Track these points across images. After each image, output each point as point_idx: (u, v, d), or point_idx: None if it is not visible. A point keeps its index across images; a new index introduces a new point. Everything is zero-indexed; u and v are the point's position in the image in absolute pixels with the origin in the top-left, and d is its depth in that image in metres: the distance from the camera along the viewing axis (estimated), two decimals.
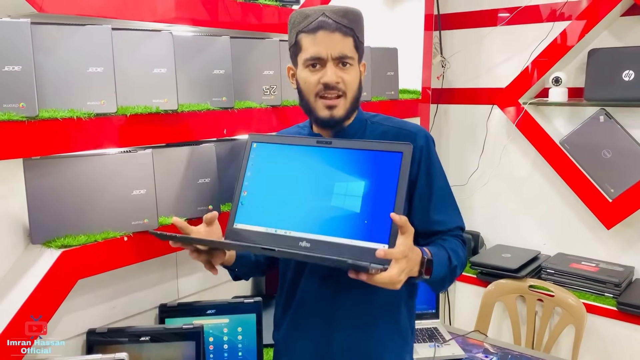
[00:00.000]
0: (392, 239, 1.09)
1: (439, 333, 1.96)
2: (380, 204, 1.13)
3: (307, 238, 1.17)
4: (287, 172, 1.24)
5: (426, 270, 1.14)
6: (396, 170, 1.13)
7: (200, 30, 1.63)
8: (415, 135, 1.30)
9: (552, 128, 2.64)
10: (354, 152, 1.19)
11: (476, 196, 2.93)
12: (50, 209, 1.30)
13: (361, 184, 1.15)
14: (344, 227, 1.15)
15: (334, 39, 1.20)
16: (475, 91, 2.89)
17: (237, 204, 1.27)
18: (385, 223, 1.10)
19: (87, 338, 1.49)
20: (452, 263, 1.23)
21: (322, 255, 1.03)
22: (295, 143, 1.26)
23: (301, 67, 1.26)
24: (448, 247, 1.25)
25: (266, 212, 1.24)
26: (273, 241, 1.19)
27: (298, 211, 1.20)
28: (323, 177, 1.20)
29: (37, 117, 1.20)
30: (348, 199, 1.16)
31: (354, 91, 1.26)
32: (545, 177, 2.69)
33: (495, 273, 2.48)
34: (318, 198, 1.18)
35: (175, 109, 1.47)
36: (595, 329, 2.30)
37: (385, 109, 2.23)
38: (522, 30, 2.69)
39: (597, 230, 2.54)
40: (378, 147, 1.17)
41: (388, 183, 1.13)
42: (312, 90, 1.24)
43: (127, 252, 1.40)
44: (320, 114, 1.25)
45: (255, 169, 1.28)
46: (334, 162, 1.20)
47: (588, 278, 2.37)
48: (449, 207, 1.34)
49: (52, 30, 1.25)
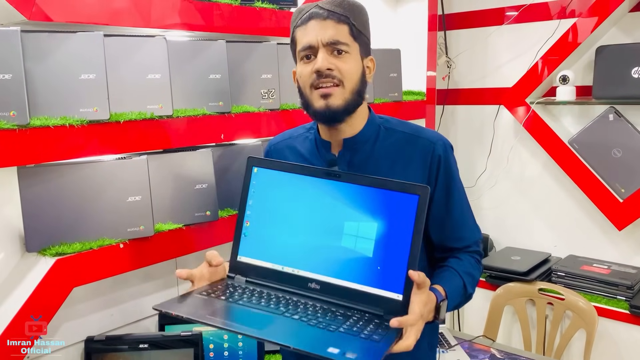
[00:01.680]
0: (406, 288, 1.04)
1: (444, 338, 1.93)
2: (394, 250, 1.06)
3: (317, 279, 1.11)
4: (293, 204, 1.15)
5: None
6: (412, 214, 1.05)
7: (196, 35, 1.62)
8: (433, 144, 1.22)
9: (561, 127, 2.59)
10: (366, 189, 1.10)
11: (484, 198, 2.88)
12: (45, 217, 1.30)
13: (374, 226, 1.08)
14: (355, 271, 1.08)
15: (325, 25, 1.13)
16: (481, 91, 2.85)
17: (241, 235, 1.20)
18: (399, 271, 1.05)
19: (86, 346, 1.48)
20: (467, 291, 1.19)
21: (329, 356, 0.91)
22: (300, 172, 1.16)
23: (298, 62, 1.19)
24: (463, 272, 1.20)
25: (271, 246, 1.17)
26: (280, 279, 1.14)
27: (305, 248, 1.13)
28: (332, 213, 1.11)
29: (28, 125, 1.20)
30: (360, 241, 1.09)
31: (353, 82, 1.16)
32: (554, 177, 2.64)
33: (504, 276, 2.44)
34: (327, 236, 1.11)
35: (170, 115, 1.46)
36: (608, 333, 2.24)
37: (390, 111, 2.20)
38: (528, 29, 2.64)
39: (608, 232, 2.49)
40: (393, 187, 1.08)
41: (403, 227, 1.05)
42: (307, 81, 1.16)
43: (123, 260, 1.39)
44: (315, 104, 1.16)
45: (257, 197, 1.19)
46: (343, 198, 1.11)
47: (599, 280, 2.31)
48: (467, 222, 1.27)
49: (43, 38, 1.25)
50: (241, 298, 1.10)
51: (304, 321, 1.02)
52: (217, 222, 1.57)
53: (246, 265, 1.19)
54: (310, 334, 0.99)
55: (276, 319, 1.03)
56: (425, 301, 1.03)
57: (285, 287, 1.13)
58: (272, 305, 1.07)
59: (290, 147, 1.32)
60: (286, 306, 1.07)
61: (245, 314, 1.06)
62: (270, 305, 1.07)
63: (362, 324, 1.01)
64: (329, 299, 1.09)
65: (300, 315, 1.03)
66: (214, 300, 1.09)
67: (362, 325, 1.01)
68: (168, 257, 1.50)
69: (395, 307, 1.04)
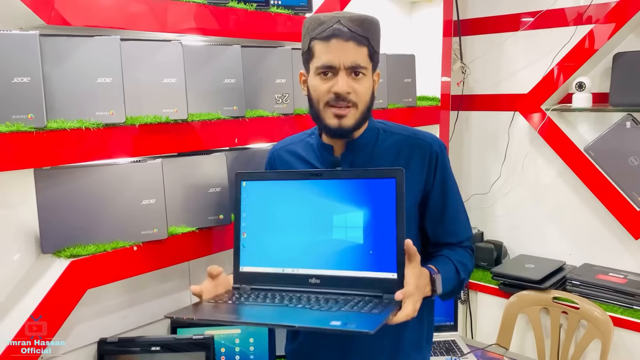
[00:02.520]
0: (399, 266, 1.10)
1: (457, 346, 1.91)
2: (382, 232, 1.13)
3: (316, 274, 1.17)
4: (283, 209, 1.21)
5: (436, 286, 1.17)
6: (392, 196, 1.12)
7: (211, 40, 1.63)
8: (430, 144, 1.28)
9: (577, 135, 2.56)
10: (346, 182, 1.17)
11: (499, 205, 2.86)
12: (61, 219, 1.31)
13: (360, 214, 1.15)
14: (350, 259, 1.15)
15: (347, 48, 1.17)
16: (496, 97, 2.83)
17: (239, 247, 1.25)
18: (390, 251, 1.11)
19: (99, 347, 1.49)
20: (460, 276, 1.25)
21: (332, 327, 0.97)
22: (285, 178, 1.23)
23: (312, 74, 1.23)
24: (455, 260, 1.26)
25: (269, 251, 1.22)
26: (282, 281, 1.19)
27: (301, 248, 1.19)
28: (320, 210, 1.18)
29: (45, 128, 1.22)
30: (349, 230, 1.15)
31: (365, 102, 1.23)
32: (569, 185, 2.61)
33: (518, 284, 2.41)
34: (319, 232, 1.17)
35: (185, 119, 1.47)
36: (623, 343, 2.21)
37: (404, 117, 2.19)
38: (544, 35, 2.62)
39: (624, 240, 2.45)
40: (370, 175, 1.15)
41: (386, 210, 1.13)
42: (322, 98, 1.21)
43: (137, 262, 1.40)
44: (328, 122, 1.22)
45: (249, 209, 1.25)
46: (328, 194, 1.18)
47: (615, 290, 2.28)
48: (460, 218, 1.33)
49: (61, 42, 1.27)
50: (247, 299, 1.16)
51: (307, 308, 1.07)
52: (230, 225, 1.58)
53: (249, 274, 1.23)
54: (313, 315, 1.04)
55: (282, 309, 1.09)
56: (418, 273, 1.10)
57: (289, 287, 1.18)
58: (277, 301, 1.13)
59: (291, 152, 1.37)
60: (290, 300, 1.12)
61: (252, 309, 1.12)
62: (276, 300, 1.13)
63: (362, 304, 1.07)
64: (331, 290, 1.15)
65: (304, 304, 1.09)
66: (222, 304, 1.14)
67: (362, 304, 1.06)
68: (181, 260, 1.51)
69: (391, 286, 1.10)
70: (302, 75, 1.30)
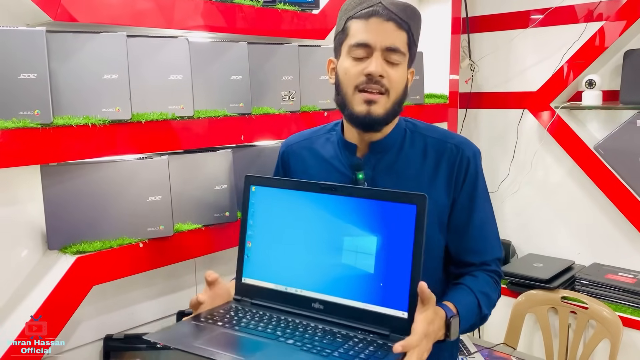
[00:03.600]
0: (411, 305, 0.99)
1: (464, 345, 1.90)
2: (396, 264, 1.01)
3: (320, 299, 1.09)
4: (292, 221, 1.13)
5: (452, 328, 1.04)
6: (411, 224, 1.00)
7: (218, 36, 1.62)
8: (461, 149, 1.19)
9: (586, 133, 2.54)
10: (361, 201, 1.06)
11: (507, 203, 2.84)
12: (67, 215, 1.31)
13: (373, 240, 1.04)
14: (358, 288, 1.05)
15: (386, 28, 1.10)
16: (505, 95, 2.81)
17: (244, 257, 1.19)
18: (402, 287, 1.00)
19: (105, 344, 1.50)
20: (482, 311, 1.13)
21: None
22: (296, 188, 1.14)
23: (344, 55, 1.15)
24: (477, 291, 1.13)
25: (273, 266, 1.15)
26: (284, 300, 1.13)
27: (307, 267, 1.11)
28: (330, 229, 1.08)
29: (51, 124, 1.22)
30: (360, 256, 1.05)
31: (398, 92, 1.13)
32: (579, 183, 2.58)
33: (526, 283, 2.39)
34: (327, 253, 1.08)
35: (191, 116, 1.46)
36: (633, 343, 2.18)
37: (412, 114, 2.17)
38: (553, 32, 2.60)
39: (634, 240, 2.43)
40: (388, 198, 1.03)
41: (402, 240, 1.01)
42: (353, 81, 1.12)
43: (143, 259, 1.40)
44: (356, 108, 1.13)
45: (257, 217, 1.18)
46: (340, 213, 1.08)
47: (625, 290, 2.25)
48: (487, 235, 1.21)
49: (68, 38, 1.27)
50: (238, 323, 1.07)
51: (297, 345, 0.98)
52: (236, 223, 1.57)
53: (251, 287, 1.18)
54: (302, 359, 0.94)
55: (269, 345, 0.99)
56: (430, 319, 0.97)
57: (290, 308, 1.11)
58: (269, 330, 1.04)
59: (309, 149, 1.30)
60: (284, 330, 1.03)
61: (236, 341, 1.03)
62: (268, 329, 1.04)
63: (362, 347, 0.97)
64: (333, 319, 1.06)
65: (295, 340, 1.00)
66: (209, 327, 1.06)
67: (361, 347, 0.96)
68: (187, 257, 1.51)
69: (400, 326, 0.99)
70: (331, 62, 1.22)
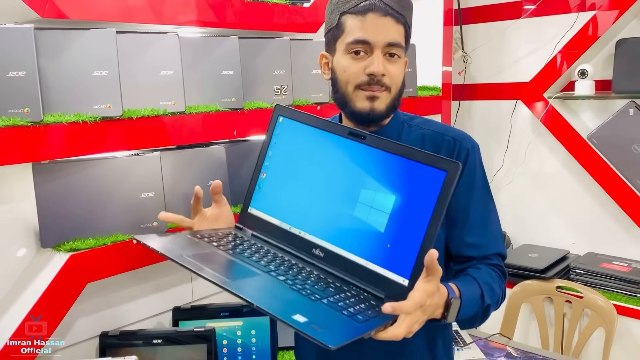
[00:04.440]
0: (414, 275, 0.93)
1: (460, 336, 1.91)
2: (409, 229, 0.95)
3: (322, 246, 1.04)
4: (312, 162, 1.09)
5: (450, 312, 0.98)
6: (435, 191, 0.93)
7: (208, 31, 1.62)
8: (459, 142, 1.16)
9: (579, 123, 2.54)
10: (389, 156, 1.00)
11: (502, 194, 2.84)
12: (60, 213, 1.31)
13: (391, 199, 0.98)
14: (363, 244, 1.00)
15: (384, 24, 1.07)
16: (498, 86, 2.81)
17: (255, 186, 1.16)
18: (410, 253, 0.94)
19: (100, 341, 1.49)
20: (485, 302, 1.07)
21: (289, 322, 0.80)
22: (325, 128, 1.09)
23: (341, 53, 1.12)
24: (482, 281, 1.09)
25: (283, 202, 1.12)
26: (285, 239, 1.09)
27: (316, 211, 1.07)
28: (349, 177, 1.03)
29: (42, 122, 1.21)
30: (373, 212, 0.99)
31: (398, 87, 1.12)
32: (573, 173, 2.59)
33: (521, 274, 2.40)
34: (340, 202, 1.03)
35: (183, 111, 1.46)
36: (628, 331, 2.20)
37: (405, 107, 2.15)
38: (546, 22, 2.60)
39: (629, 229, 2.44)
40: (419, 158, 0.97)
41: (422, 205, 0.94)
42: (353, 80, 1.10)
43: (137, 256, 1.40)
44: (358, 105, 1.10)
45: (277, 149, 1.15)
46: (364, 163, 1.02)
47: (619, 278, 2.27)
48: (487, 229, 1.17)
49: (56, 35, 1.26)
50: (234, 249, 1.05)
51: (288, 284, 0.94)
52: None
53: (255, 218, 1.15)
54: (285, 297, 0.90)
55: (258, 276, 0.96)
56: (430, 292, 0.91)
57: (289, 248, 1.09)
58: (263, 262, 1.01)
59: None
60: (278, 266, 1.00)
61: (226, 263, 1.00)
62: (262, 262, 1.01)
63: (352, 302, 0.91)
64: (330, 269, 1.02)
65: (287, 278, 0.96)
66: (203, 245, 1.04)
67: (352, 302, 0.91)
68: None
69: (398, 292, 0.93)
70: (324, 57, 1.18)
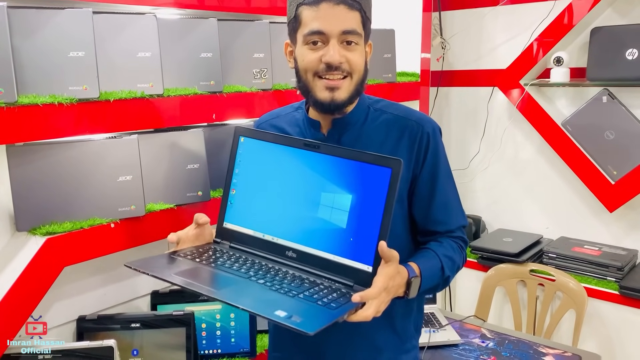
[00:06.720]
0: (376, 261, 1.06)
1: (436, 318, 1.94)
2: (367, 222, 1.08)
3: (294, 248, 1.16)
4: (275, 174, 1.20)
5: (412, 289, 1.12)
6: (384, 186, 1.07)
7: (187, 13, 1.60)
8: (421, 125, 1.21)
9: (554, 109, 2.59)
10: (341, 160, 1.12)
11: (477, 180, 2.89)
12: (35, 196, 1.29)
13: (348, 198, 1.11)
14: (329, 241, 1.13)
15: (338, 12, 1.09)
16: (476, 73, 2.84)
17: (227, 203, 1.26)
18: (370, 243, 1.08)
19: (78, 325, 1.48)
20: (445, 273, 1.18)
21: (273, 317, 0.93)
22: (283, 143, 1.20)
23: (300, 43, 1.14)
24: (442, 255, 1.19)
25: (253, 214, 1.22)
26: (260, 246, 1.20)
27: (285, 218, 1.18)
28: (310, 184, 1.15)
29: (16, 103, 1.19)
30: (334, 212, 1.12)
31: (359, 73, 1.15)
32: (547, 159, 2.64)
33: (496, 257, 2.45)
34: (305, 206, 1.15)
35: (160, 94, 1.44)
36: (597, 313, 2.27)
37: (384, 93, 2.19)
38: (523, 10, 2.62)
39: (600, 214, 2.50)
40: (366, 159, 1.10)
41: (375, 200, 1.08)
42: (312, 68, 1.13)
43: (114, 239, 1.38)
44: (319, 96, 1.14)
45: (243, 166, 1.25)
46: (321, 169, 1.14)
47: (590, 262, 2.33)
48: (451, 206, 1.25)
49: (30, 14, 1.23)
50: (215, 261, 1.15)
51: (267, 286, 1.05)
52: (209, 202, 1.57)
53: (231, 231, 1.25)
54: (266, 297, 1.02)
55: (240, 282, 1.07)
56: (391, 275, 1.04)
57: (265, 254, 1.19)
58: (242, 270, 1.12)
59: (276, 127, 1.31)
60: (257, 271, 1.11)
61: (211, 276, 1.11)
62: (242, 270, 1.12)
63: (326, 292, 1.04)
64: (304, 267, 1.14)
65: (266, 280, 1.07)
66: (186, 262, 1.14)
67: (325, 293, 1.04)
68: (159, 237, 1.50)
69: (364, 278, 1.06)
70: (288, 45, 1.21)
